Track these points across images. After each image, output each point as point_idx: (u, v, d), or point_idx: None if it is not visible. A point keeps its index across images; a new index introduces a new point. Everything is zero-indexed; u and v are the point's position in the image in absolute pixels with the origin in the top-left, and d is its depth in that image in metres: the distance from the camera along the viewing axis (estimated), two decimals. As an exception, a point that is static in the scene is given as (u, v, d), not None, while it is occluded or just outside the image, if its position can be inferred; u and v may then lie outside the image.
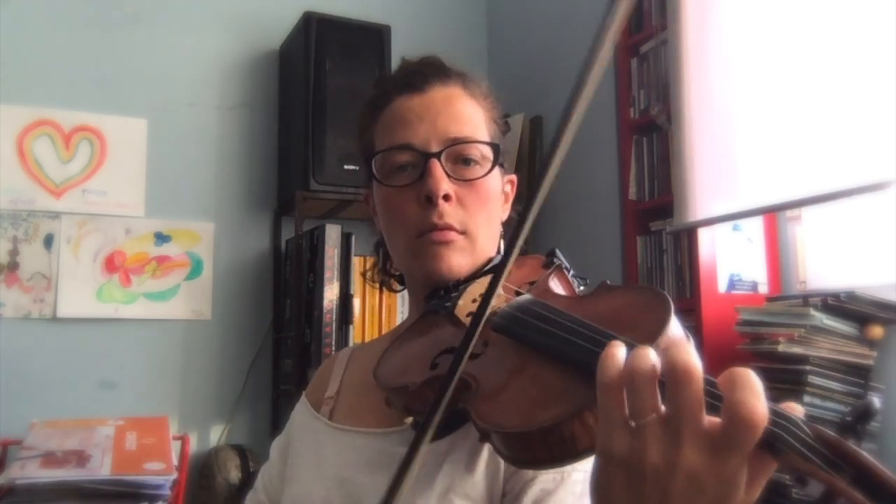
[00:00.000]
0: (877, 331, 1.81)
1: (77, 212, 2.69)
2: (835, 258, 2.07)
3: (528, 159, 2.95)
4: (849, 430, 0.46)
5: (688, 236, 2.21)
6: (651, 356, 0.47)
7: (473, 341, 0.56)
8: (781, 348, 1.81)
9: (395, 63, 0.95)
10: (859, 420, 0.46)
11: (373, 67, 2.69)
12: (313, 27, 2.68)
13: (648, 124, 2.45)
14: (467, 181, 0.83)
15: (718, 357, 2.06)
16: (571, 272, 0.78)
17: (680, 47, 2.25)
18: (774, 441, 0.45)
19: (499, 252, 0.88)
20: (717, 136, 2.14)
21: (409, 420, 0.68)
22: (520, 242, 0.57)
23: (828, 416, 1.78)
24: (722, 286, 2.15)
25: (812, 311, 1.79)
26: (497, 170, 0.86)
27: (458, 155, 0.83)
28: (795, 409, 0.47)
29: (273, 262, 2.94)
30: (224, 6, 2.98)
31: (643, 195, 2.45)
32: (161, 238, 2.80)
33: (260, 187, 2.97)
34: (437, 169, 0.81)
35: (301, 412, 0.98)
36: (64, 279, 2.64)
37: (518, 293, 0.70)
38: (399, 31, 2.80)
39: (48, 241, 2.65)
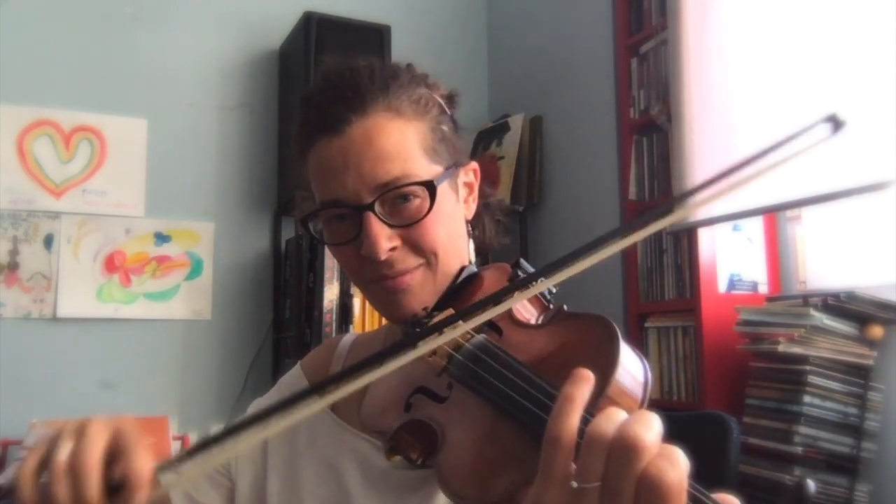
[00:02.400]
0: (877, 331, 1.81)
1: (77, 212, 2.69)
2: (835, 258, 2.07)
3: (528, 159, 2.95)
4: None
5: (688, 236, 2.21)
6: (614, 421, 0.47)
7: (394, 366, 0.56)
8: (781, 348, 1.81)
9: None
10: None
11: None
12: (313, 27, 2.68)
13: (648, 124, 2.45)
14: (412, 224, 0.77)
15: (718, 357, 2.06)
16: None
17: (680, 47, 2.25)
18: None
19: (470, 262, 0.85)
20: (717, 136, 2.14)
21: (396, 458, 0.68)
22: (484, 316, 0.57)
23: (828, 417, 1.78)
24: (722, 286, 2.15)
25: (812, 311, 1.79)
26: (444, 185, 0.80)
27: (393, 197, 0.77)
28: (727, 500, 0.47)
29: (273, 262, 2.94)
30: (224, 6, 2.98)
31: (643, 195, 2.45)
32: (161, 238, 2.80)
33: (260, 187, 2.97)
34: (373, 225, 0.76)
35: (300, 387, 0.95)
36: (64, 279, 2.64)
37: (471, 333, 0.68)
38: (399, 31, 2.80)
39: (48, 241, 2.64)
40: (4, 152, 2.62)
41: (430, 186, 0.77)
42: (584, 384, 0.50)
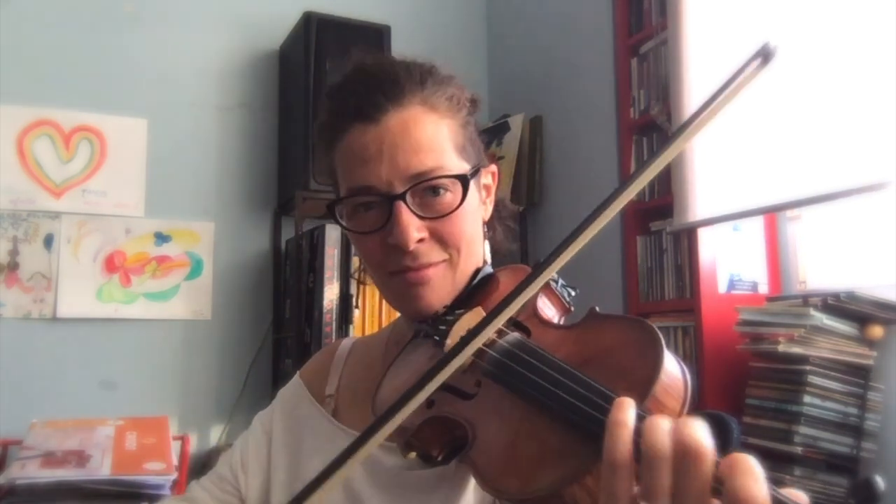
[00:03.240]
0: (877, 331, 1.81)
1: (77, 212, 2.69)
2: (835, 258, 2.07)
3: (528, 159, 2.95)
4: None
5: (688, 236, 2.21)
6: (666, 433, 0.46)
7: (442, 379, 0.56)
8: (781, 348, 1.81)
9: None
10: (862, 502, 0.45)
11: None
12: (313, 27, 2.68)
13: (648, 124, 2.45)
14: (442, 217, 0.78)
15: (718, 357, 2.06)
16: (560, 282, 0.75)
17: (680, 47, 2.25)
18: None
19: (485, 262, 0.85)
20: (717, 136, 2.14)
21: (412, 455, 0.68)
22: (520, 301, 0.57)
23: (828, 417, 1.78)
24: (722, 286, 2.15)
25: (812, 311, 1.79)
26: (471, 184, 0.80)
27: (424, 188, 0.77)
28: (800, 497, 0.47)
29: (273, 262, 2.94)
30: (224, 6, 2.98)
31: (643, 195, 2.44)
32: (161, 238, 2.80)
33: (260, 187, 2.97)
34: (404, 214, 0.76)
35: (300, 397, 0.94)
36: (64, 279, 2.64)
37: (504, 331, 0.68)
38: (399, 31, 2.80)
39: (48, 241, 2.64)
40: (4, 152, 2.62)
41: (464, 180, 0.78)
42: (629, 407, 0.49)
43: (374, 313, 2.65)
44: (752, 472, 0.44)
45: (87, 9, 2.77)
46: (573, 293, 0.76)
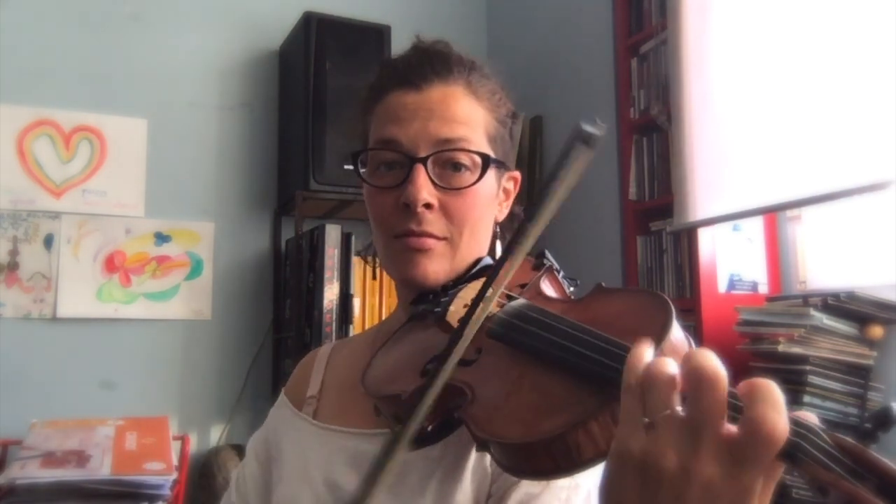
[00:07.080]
0: (877, 331, 1.81)
1: (77, 212, 2.69)
2: (835, 258, 2.07)
3: (528, 159, 2.95)
4: (867, 437, 0.45)
5: (688, 236, 2.21)
6: (672, 364, 0.47)
7: (464, 346, 0.55)
8: (781, 348, 1.81)
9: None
10: (878, 426, 0.45)
11: (373, 67, 2.69)
12: (313, 27, 2.68)
13: (648, 124, 2.45)
14: (454, 190, 0.79)
15: (718, 357, 2.06)
16: (562, 273, 0.76)
17: (680, 47, 2.25)
18: (795, 451, 0.44)
19: (493, 254, 0.86)
20: (717, 136, 2.14)
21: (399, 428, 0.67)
22: (518, 253, 0.57)
23: (828, 417, 1.78)
24: (722, 286, 2.15)
25: (812, 311, 1.79)
26: (491, 173, 0.82)
27: (446, 160, 0.79)
28: (809, 418, 0.47)
29: (273, 262, 2.94)
30: (224, 6, 2.98)
31: (643, 195, 2.45)
32: (161, 238, 2.80)
33: (260, 187, 2.97)
34: (421, 176, 0.77)
35: (282, 410, 0.95)
36: (64, 279, 2.64)
37: (511, 297, 0.68)
38: (399, 31, 2.80)
39: (48, 241, 2.65)
40: (4, 152, 2.62)
41: (485, 158, 0.80)
42: (648, 342, 0.50)
43: (373, 313, 2.64)
44: (774, 402, 0.45)
45: (87, 9, 2.77)
46: (573, 286, 0.77)
